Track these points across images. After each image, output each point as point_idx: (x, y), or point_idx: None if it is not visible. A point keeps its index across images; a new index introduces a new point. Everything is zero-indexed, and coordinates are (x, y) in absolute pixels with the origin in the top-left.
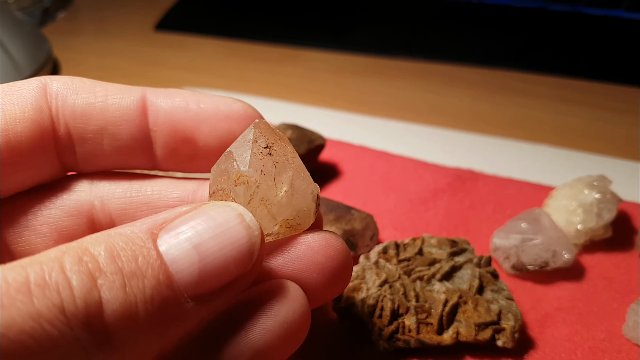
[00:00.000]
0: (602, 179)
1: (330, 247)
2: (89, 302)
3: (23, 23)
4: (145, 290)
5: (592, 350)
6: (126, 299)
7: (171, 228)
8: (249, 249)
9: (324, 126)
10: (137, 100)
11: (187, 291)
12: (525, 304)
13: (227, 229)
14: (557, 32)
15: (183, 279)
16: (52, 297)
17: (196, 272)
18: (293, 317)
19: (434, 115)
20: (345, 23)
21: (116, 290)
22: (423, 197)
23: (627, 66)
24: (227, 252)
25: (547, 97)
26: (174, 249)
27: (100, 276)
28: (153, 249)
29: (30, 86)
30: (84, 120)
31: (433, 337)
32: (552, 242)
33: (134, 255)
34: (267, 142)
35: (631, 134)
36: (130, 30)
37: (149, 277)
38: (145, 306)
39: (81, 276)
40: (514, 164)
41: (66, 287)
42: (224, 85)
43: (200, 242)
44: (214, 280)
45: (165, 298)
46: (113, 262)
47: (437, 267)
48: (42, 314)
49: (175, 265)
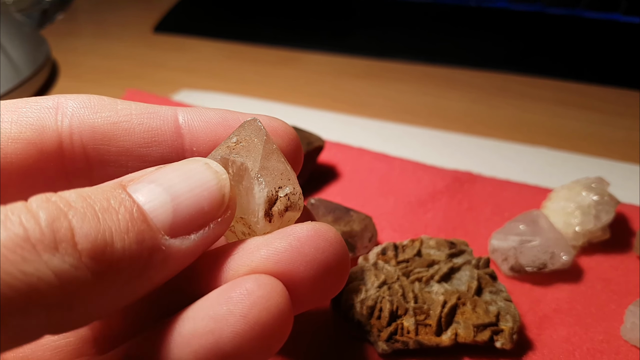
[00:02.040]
0: (600, 181)
1: (320, 238)
2: (57, 227)
3: (22, 24)
4: (120, 222)
5: (590, 352)
6: (99, 227)
7: (140, 181)
8: (219, 190)
9: (322, 128)
10: (169, 120)
11: (164, 229)
12: (523, 305)
13: (195, 173)
14: (556, 36)
15: (158, 217)
16: (14, 228)
17: (170, 211)
18: (267, 318)
19: (433, 117)
20: (345, 26)
21: (89, 220)
22: (422, 199)
23: (625, 69)
24: (199, 193)
25: (545, 100)
26: (145, 193)
27: (70, 210)
28: (124, 192)
29: (39, 105)
30: (106, 141)
31: (432, 338)
32: (550, 244)
33: (106, 197)
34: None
35: (629, 137)
36: (129, 32)
37: (123, 212)
38: (121, 236)
39: (49, 209)
40: (512, 166)
41: (30, 219)
42: (223, 88)
43: (171, 185)
44: (190, 220)
45: (141, 231)
46: (83, 200)
47: (436, 269)
48: (3, 244)
49: (148, 204)
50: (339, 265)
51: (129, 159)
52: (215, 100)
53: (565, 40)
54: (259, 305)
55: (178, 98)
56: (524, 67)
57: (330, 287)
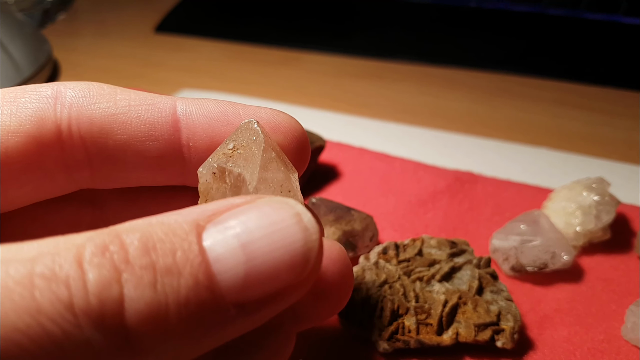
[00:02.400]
0: (600, 182)
1: (324, 256)
2: (106, 299)
3: (23, 24)
4: (180, 290)
5: (591, 352)
6: (155, 299)
7: (220, 221)
8: (304, 253)
9: (323, 128)
10: (166, 113)
11: (230, 296)
12: (524, 305)
13: (281, 228)
14: (556, 36)
15: (226, 281)
16: (58, 291)
17: (242, 274)
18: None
19: (434, 117)
20: (345, 27)
21: (143, 287)
22: (422, 199)
23: (625, 70)
24: (279, 255)
25: (546, 101)
26: (219, 245)
27: (127, 269)
28: (195, 242)
29: (38, 95)
30: (104, 135)
31: (433, 337)
32: (551, 244)
33: (173, 249)
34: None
35: (630, 138)
36: (130, 32)
37: (186, 275)
38: (179, 309)
39: (101, 270)
40: (513, 166)
41: (78, 280)
42: (224, 88)
43: (250, 241)
44: (261, 286)
45: (202, 301)
46: (145, 254)
47: (437, 268)
48: (42, 310)
49: (218, 264)
50: (343, 283)
51: (126, 152)
52: None
53: (566, 41)
54: None
55: None
56: (525, 68)
57: (335, 304)
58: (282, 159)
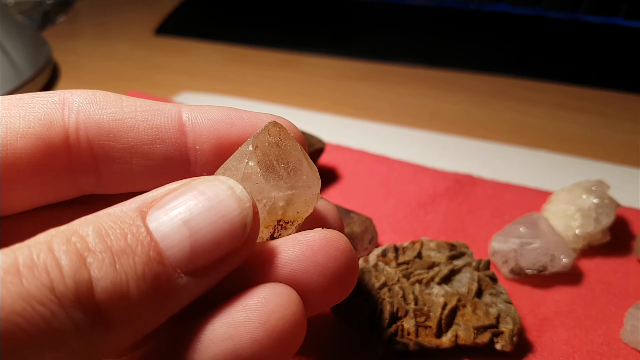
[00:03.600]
0: (600, 184)
1: (332, 247)
2: (79, 280)
3: (23, 26)
4: (136, 267)
5: (590, 354)
6: (116, 277)
7: (161, 205)
8: (241, 221)
9: (323, 131)
10: (172, 118)
11: (180, 267)
12: (523, 307)
13: (217, 202)
14: (556, 39)
15: (174, 255)
16: (41, 277)
17: (187, 248)
18: (284, 326)
19: (433, 120)
20: (345, 29)
21: (106, 268)
22: (422, 201)
23: (625, 73)
24: (219, 226)
25: (545, 104)
26: (163, 225)
27: (89, 255)
28: (142, 226)
29: (45, 100)
30: (111, 138)
31: (432, 340)
32: (550, 247)
33: (123, 234)
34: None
35: (629, 141)
36: (130, 35)
37: (139, 253)
38: (137, 283)
39: (69, 256)
40: (513, 169)
41: (55, 267)
42: (224, 90)
43: (191, 217)
44: (207, 255)
45: (157, 274)
46: (101, 240)
47: (436, 271)
48: (32, 294)
49: (165, 241)
50: (349, 272)
51: (133, 155)
52: (215, 103)
53: (566, 44)
54: (277, 313)
55: (178, 100)
56: (524, 71)
57: (340, 293)
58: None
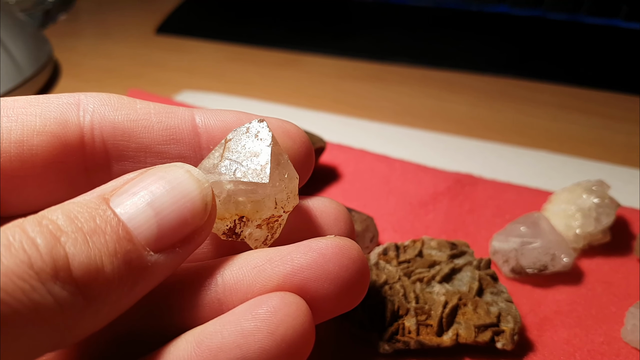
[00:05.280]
0: (600, 184)
1: (345, 255)
2: (55, 256)
3: (24, 24)
4: (108, 244)
5: (591, 354)
6: (90, 253)
7: (122, 192)
8: (202, 199)
9: (324, 130)
10: (186, 119)
11: (149, 245)
12: (524, 307)
13: (178, 184)
14: (557, 41)
15: (142, 234)
16: (18, 255)
17: (154, 227)
18: (293, 336)
19: (435, 120)
20: (346, 29)
21: (80, 245)
22: (423, 200)
23: (625, 75)
24: (182, 205)
25: (546, 104)
26: (128, 208)
27: (62, 235)
28: (108, 209)
29: (60, 100)
30: (126, 137)
31: (433, 338)
32: (551, 246)
33: (91, 216)
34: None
35: (630, 142)
36: (131, 33)
37: (109, 233)
38: (110, 259)
39: (44, 235)
40: (513, 169)
41: (31, 245)
42: (225, 89)
43: (154, 199)
44: (174, 233)
45: (128, 252)
46: (72, 223)
47: (437, 269)
48: (12, 270)
49: (132, 221)
50: (361, 282)
51: (147, 155)
52: (216, 102)
53: (567, 45)
54: (285, 323)
55: (180, 99)
56: (526, 72)
57: (350, 302)
58: None
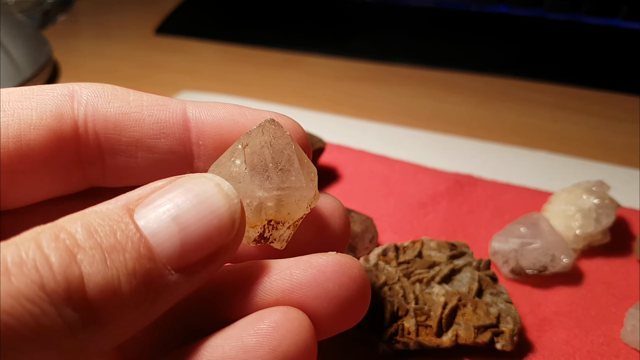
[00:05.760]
0: (600, 185)
1: (345, 274)
2: (70, 277)
3: (24, 25)
4: (127, 263)
5: (591, 354)
6: (107, 273)
7: (147, 202)
8: (230, 217)
9: (324, 130)
10: (177, 113)
11: (170, 263)
12: (524, 307)
13: (206, 198)
14: (557, 41)
15: (165, 251)
16: (30, 274)
17: (178, 244)
18: (295, 352)
19: (434, 120)
20: (346, 29)
21: (97, 264)
22: (422, 201)
23: (625, 75)
24: (208, 222)
25: (546, 105)
26: (152, 222)
27: (79, 252)
28: (131, 222)
29: (55, 92)
30: (117, 131)
31: (432, 339)
32: (550, 247)
33: (112, 230)
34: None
35: (630, 142)
36: (130, 34)
37: (130, 250)
38: (128, 279)
39: (59, 252)
40: (513, 169)
41: (44, 264)
42: (224, 90)
43: (179, 214)
44: (197, 251)
45: (147, 271)
46: (91, 237)
47: (437, 270)
48: (21, 292)
49: (155, 237)
50: (361, 301)
51: (138, 149)
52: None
53: (566, 46)
54: (287, 339)
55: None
56: (525, 72)
57: (350, 321)
58: None
